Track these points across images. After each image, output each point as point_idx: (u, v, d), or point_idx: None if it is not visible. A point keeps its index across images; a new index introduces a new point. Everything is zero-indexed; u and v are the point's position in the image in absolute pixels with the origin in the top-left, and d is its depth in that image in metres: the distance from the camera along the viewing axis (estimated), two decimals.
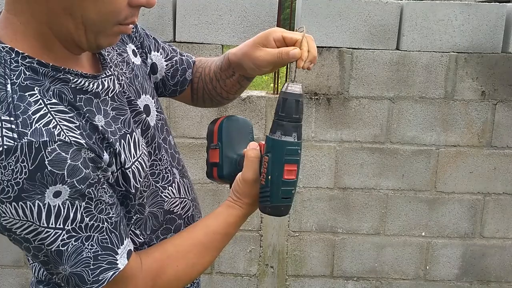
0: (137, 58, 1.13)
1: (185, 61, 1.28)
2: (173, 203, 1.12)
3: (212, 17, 2.48)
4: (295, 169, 0.96)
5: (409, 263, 2.75)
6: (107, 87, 0.95)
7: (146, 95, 1.09)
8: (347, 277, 2.76)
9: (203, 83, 1.27)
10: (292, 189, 0.97)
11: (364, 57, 2.53)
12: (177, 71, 1.26)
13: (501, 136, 2.61)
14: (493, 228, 2.71)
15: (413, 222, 2.70)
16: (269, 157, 0.96)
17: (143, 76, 1.11)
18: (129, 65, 1.07)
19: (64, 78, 0.87)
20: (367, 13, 2.49)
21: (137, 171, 0.97)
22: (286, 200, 0.97)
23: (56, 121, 0.83)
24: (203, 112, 2.54)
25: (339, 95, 2.56)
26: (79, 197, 0.83)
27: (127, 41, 1.13)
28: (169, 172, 1.11)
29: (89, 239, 0.86)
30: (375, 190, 2.66)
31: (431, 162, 2.63)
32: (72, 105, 0.87)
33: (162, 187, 1.09)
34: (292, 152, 0.95)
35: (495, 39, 2.52)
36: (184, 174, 1.19)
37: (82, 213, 0.85)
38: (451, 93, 2.57)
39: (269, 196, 0.97)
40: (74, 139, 0.83)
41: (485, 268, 2.76)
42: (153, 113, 1.10)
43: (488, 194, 2.68)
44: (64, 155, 0.81)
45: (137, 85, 1.07)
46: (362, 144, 2.61)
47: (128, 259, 0.92)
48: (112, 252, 0.89)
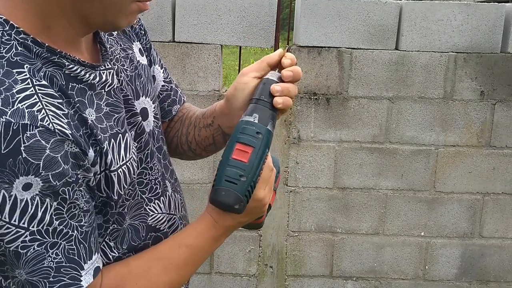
0: (144, 58, 1.06)
1: (178, 95, 1.19)
2: (158, 219, 1.00)
3: (212, 17, 2.48)
4: (248, 152, 0.86)
5: (408, 263, 2.75)
6: (104, 80, 0.87)
7: (146, 97, 1.01)
8: (346, 277, 2.76)
9: (180, 124, 1.17)
10: (240, 173, 0.86)
11: (363, 57, 2.53)
12: (167, 98, 1.16)
13: (500, 136, 2.61)
14: (492, 228, 2.71)
15: (412, 222, 2.70)
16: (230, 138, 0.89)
17: (147, 77, 1.04)
18: (132, 63, 1.00)
19: (59, 62, 0.80)
20: (366, 13, 2.49)
21: (123, 176, 0.87)
22: (230, 185, 0.85)
23: (42, 104, 0.74)
24: None
25: (338, 95, 2.56)
26: (52, 194, 0.73)
27: (134, 39, 1.06)
28: (159, 184, 1.00)
29: (54, 247, 0.75)
30: (374, 190, 2.66)
31: (430, 162, 2.63)
32: (63, 91, 0.79)
33: (148, 199, 0.97)
34: (248, 132, 0.87)
35: (494, 39, 2.52)
36: (176, 189, 1.09)
37: (51, 215, 0.74)
38: (450, 93, 2.57)
39: (215, 179, 0.87)
40: (59, 128, 0.74)
41: (484, 268, 2.76)
42: (151, 118, 1.02)
43: (487, 194, 2.68)
44: (44, 143, 0.72)
45: (138, 85, 0.99)
46: (361, 144, 2.61)
47: (94, 277, 0.80)
48: (77, 266, 0.78)
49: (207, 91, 2.53)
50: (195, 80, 2.52)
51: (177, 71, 2.51)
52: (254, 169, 0.87)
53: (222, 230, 0.94)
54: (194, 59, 2.51)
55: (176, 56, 2.50)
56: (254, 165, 0.87)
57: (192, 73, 2.52)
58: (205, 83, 2.53)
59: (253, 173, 0.87)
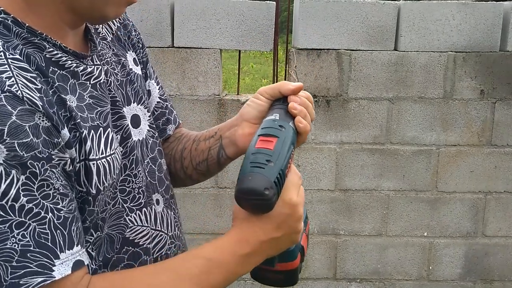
0: (138, 68, 1.01)
1: (173, 115, 1.12)
2: (138, 232, 0.89)
3: (210, 21, 2.48)
4: (273, 141, 0.79)
5: (412, 263, 2.74)
6: (89, 71, 0.82)
7: (139, 105, 0.95)
8: (350, 279, 2.75)
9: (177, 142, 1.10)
10: (266, 156, 0.77)
11: (362, 58, 2.54)
12: (162, 116, 1.09)
13: (501, 135, 2.61)
14: (495, 226, 2.71)
15: (415, 223, 2.70)
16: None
17: (140, 86, 0.98)
18: (124, 69, 0.95)
19: (39, 44, 0.75)
20: (365, 15, 2.50)
21: (103, 169, 0.79)
22: (257, 169, 0.75)
23: (13, 74, 0.68)
24: (203, 117, 2.55)
25: (338, 97, 2.56)
26: (18, 166, 0.65)
27: (129, 48, 1.01)
28: (142, 194, 0.90)
29: (20, 227, 0.65)
30: (376, 191, 2.66)
31: (431, 162, 2.63)
32: (41, 71, 0.73)
33: (129, 208, 0.88)
34: (270, 125, 0.82)
35: (492, 38, 2.53)
36: (171, 206, 1.00)
37: (18, 189, 0.65)
38: (450, 92, 2.57)
39: (240, 172, 0.77)
40: (28, 97, 0.67)
41: (488, 267, 2.75)
42: (144, 127, 0.96)
43: (489, 193, 2.68)
44: (10, 109, 0.65)
45: (129, 91, 0.94)
46: (362, 145, 2.61)
47: (74, 271, 0.69)
48: (50, 253, 0.67)
49: (207, 95, 2.53)
50: (195, 85, 2.53)
51: (177, 76, 2.52)
52: (282, 157, 0.78)
53: (251, 247, 0.79)
54: (194, 64, 2.51)
55: (175, 61, 2.50)
56: (281, 153, 0.78)
57: (192, 78, 2.52)
58: (205, 88, 2.53)
59: (281, 160, 0.78)
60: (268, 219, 0.79)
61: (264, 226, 0.79)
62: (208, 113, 2.54)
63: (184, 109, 2.53)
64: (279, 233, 0.80)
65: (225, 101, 2.55)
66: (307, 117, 0.88)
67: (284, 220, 0.80)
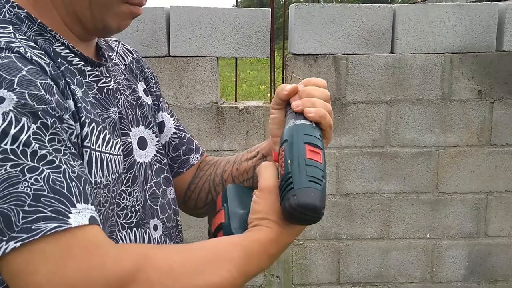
0: (149, 98, 1.01)
1: (195, 144, 1.10)
2: None
3: (206, 30, 2.49)
4: (320, 153, 0.76)
5: (415, 266, 2.73)
6: (97, 74, 0.82)
7: (147, 129, 0.95)
8: (353, 283, 2.74)
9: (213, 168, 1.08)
10: (321, 171, 0.73)
11: (359, 62, 2.54)
12: (181, 146, 1.08)
13: (500, 134, 2.61)
14: (497, 226, 2.70)
15: (417, 225, 2.69)
16: (286, 144, 0.77)
17: (150, 113, 0.98)
18: (135, 94, 0.95)
19: (49, 39, 0.76)
20: (360, 19, 2.50)
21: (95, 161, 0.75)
22: (315, 184, 0.72)
23: (22, 45, 0.69)
24: (201, 125, 2.55)
25: (336, 101, 2.56)
26: (29, 114, 0.62)
27: (140, 78, 1.02)
28: (134, 213, 0.87)
29: (34, 171, 0.61)
30: (377, 194, 2.66)
31: (431, 164, 2.63)
32: (48, 53, 0.73)
33: (121, 224, 0.84)
34: (312, 133, 0.78)
35: (488, 38, 2.53)
36: (171, 235, 0.96)
37: (29, 136, 0.62)
38: (448, 93, 2.58)
39: (291, 182, 0.73)
40: (38, 60, 0.68)
41: (491, 267, 2.75)
42: (151, 151, 0.95)
43: (490, 192, 2.67)
44: (20, 65, 0.65)
45: (139, 114, 0.94)
46: (362, 149, 2.61)
47: (91, 224, 0.63)
48: (66, 200, 0.62)
49: (205, 103, 2.53)
50: (193, 93, 2.53)
51: (174, 85, 2.52)
52: (326, 173, 0.76)
53: (278, 249, 0.78)
54: (191, 73, 2.51)
55: (172, 71, 2.51)
56: (326, 167, 0.76)
57: (189, 86, 2.52)
58: (203, 96, 2.53)
59: (326, 177, 0.75)
60: (294, 227, 0.78)
61: (290, 232, 0.78)
62: (207, 121, 2.54)
63: (182, 118, 2.53)
64: (296, 236, 0.82)
65: (223, 108, 2.55)
66: (315, 103, 0.82)
67: (301, 229, 0.81)
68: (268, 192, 0.78)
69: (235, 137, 2.57)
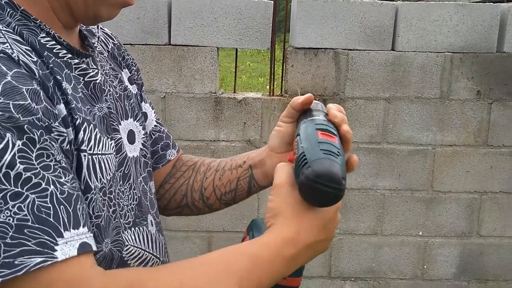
0: (133, 86, 0.96)
1: (172, 140, 1.07)
2: (132, 253, 0.81)
3: (208, 19, 2.48)
4: (334, 137, 0.73)
5: (407, 262, 2.75)
6: (84, 68, 0.77)
7: (135, 121, 0.91)
8: (344, 277, 2.76)
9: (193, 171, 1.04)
10: (336, 148, 0.70)
11: (359, 58, 2.54)
12: (160, 141, 1.04)
13: (497, 135, 2.62)
14: (490, 226, 2.72)
15: (410, 222, 2.71)
16: (299, 135, 0.76)
17: (137, 104, 0.94)
18: (122, 84, 0.91)
19: (33, 29, 0.70)
20: (362, 14, 2.50)
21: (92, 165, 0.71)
22: (331, 156, 0.68)
23: (7, 40, 0.63)
24: (199, 114, 2.54)
25: (335, 96, 2.56)
26: (13, 129, 0.56)
27: (124, 66, 0.97)
28: (130, 212, 0.83)
29: (17, 198, 0.55)
30: (372, 190, 2.67)
31: (427, 162, 2.64)
32: (35, 49, 0.68)
33: (123, 225, 0.80)
34: (325, 124, 0.76)
35: (489, 39, 2.53)
36: (161, 231, 0.93)
37: (14, 155, 0.56)
38: (446, 93, 2.58)
39: (305, 158, 0.69)
40: (25, 61, 0.62)
41: (482, 267, 2.76)
42: (138, 144, 0.91)
43: (484, 193, 2.68)
44: (5, 69, 0.59)
45: (127, 106, 0.89)
46: (359, 144, 2.61)
47: (80, 253, 0.58)
48: (52, 230, 0.57)
49: (203, 93, 2.53)
50: (192, 82, 2.52)
51: (174, 74, 2.51)
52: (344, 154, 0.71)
53: (296, 249, 0.71)
54: (191, 62, 2.51)
55: (172, 59, 2.50)
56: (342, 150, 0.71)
57: (189, 75, 2.52)
58: (202, 86, 2.53)
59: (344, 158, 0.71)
60: (314, 221, 0.73)
61: (309, 227, 0.72)
62: (204, 111, 2.54)
63: (180, 107, 2.53)
64: (321, 236, 0.74)
65: (221, 99, 2.55)
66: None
67: (327, 224, 0.74)
68: (282, 187, 0.74)
69: (233, 128, 2.57)
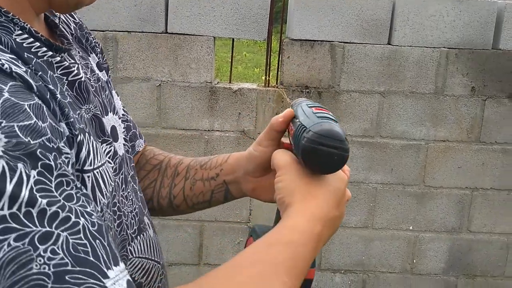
0: (103, 73, 0.84)
1: (138, 130, 0.97)
2: (134, 265, 0.74)
3: (205, 9, 2.47)
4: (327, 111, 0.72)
5: (396, 256, 2.77)
6: (66, 66, 0.66)
7: (114, 115, 0.80)
8: (334, 269, 2.78)
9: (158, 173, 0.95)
10: (331, 115, 0.70)
11: (355, 51, 2.54)
12: (129, 130, 0.93)
13: (489, 132, 2.63)
14: (480, 223, 2.74)
15: (401, 216, 2.72)
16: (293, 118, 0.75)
17: (111, 94, 0.84)
18: (94, 74, 0.78)
19: (7, 25, 0.57)
20: (360, 8, 2.50)
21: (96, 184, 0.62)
22: (327, 120, 0.68)
23: None
24: (194, 104, 2.54)
25: (330, 89, 2.57)
26: (25, 157, 0.45)
27: (90, 50, 0.84)
28: (134, 218, 0.76)
29: (47, 240, 0.44)
30: (364, 183, 2.68)
31: (420, 157, 2.65)
32: (17, 54, 0.56)
33: (130, 236, 0.73)
34: (316, 103, 0.75)
35: (485, 36, 2.54)
36: (155, 230, 0.86)
37: (31, 189, 0.45)
38: (441, 88, 2.59)
39: (304, 126, 0.68)
40: (19, 73, 0.51)
41: (471, 263, 2.79)
42: (121, 140, 0.80)
43: (476, 189, 2.70)
44: (1, 85, 0.48)
45: (105, 100, 0.78)
46: (352, 137, 2.62)
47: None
48: (96, 271, 0.46)
49: (199, 82, 2.53)
50: (187, 71, 2.52)
51: (169, 62, 2.50)
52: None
53: (321, 224, 0.67)
54: (187, 51, 2.50)
55: (168, 48, 2.49)
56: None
57: (184, 64, 2.51)
58: (197, 75, 2.52)
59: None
60: (329, 193, 0.69)
61: (327, 201, 0.68)
62: (199, 100, 2.54)
63: (176, 96, 2.53)
64: (338, 211, 0.71)
65: (216, 88, 2.54)
66: None
67: (341, 198, 0.71)
68: (289, 166, 0.69)
69: (227, 118, 2.57)
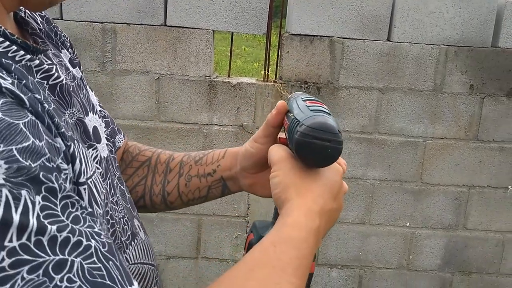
0: (76, 70, 0.78)
1: (116, 125, 0.93)
2: (132, 272, 0.72)
3: (204, 2, 2.46)
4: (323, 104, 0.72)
5: (393, 252, 2.78)
6: (46, 69, 0.61)
7: (94, 114, 0.76)
8: (331, 265, 2.78)
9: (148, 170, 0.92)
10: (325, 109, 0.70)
11: (355, 47, 2.54)
12: (108, 126, 0.89)
13: (487, 130, 2.64)
14: (476, 220, 2.75)
15: (398, 213, 2.73)
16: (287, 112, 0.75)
17: (87, 92, 0.79)
18: (69, 72, 0.73)
19: None
20: (359, 3, 2.49)
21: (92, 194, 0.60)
22: (320, 113, 0.67)
23: None
24: (192, 97, 2.54)
25: (329, 85, 2.56)
26: (27, 183, 0.43)
27: (61, 46, 0.79)
28: (127, 224, 0.74)
29: (62, 268, 0.43)
30: (361, 180, 2.68)
31: (418, 154, 2.66)
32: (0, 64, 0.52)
33: (125, 243, 0.71)
34: (311, 97, 0.75)
35: (485, 33, 2.54)
36: (146, 232, 0.83)
37: (38, 216, 0.43)
38: (440, 85, 2.59)
39: (297, 120, 0.68)
40: (8, 87, 0.47)
41: (467, 260, 2.80)
42: (104, 141, 0.76)
43: (472, 186, 2.71)
44: None
45: (83, 100, 0.73)
46: (350, 134, 2.62)
47: None
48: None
49: (198, 76, 2.52)
50: (186, 65, 2.51)
51: (168, 55, 2.50)
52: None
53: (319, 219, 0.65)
54: (186, 44, 2.49)
55: (167, 41, 2.49)
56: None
57: (183, 58, 2.51)
58: (196, 69, 2.52)
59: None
60: (325, 186, 0.68)
61: (323, 194, 0.67)
62: (198, 94, 2.54)
63: (174, 89, 2.52)
64: (335, 203, 0.70)
65: (215, 82, 2.54)
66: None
67: (338, 190, 0.70)
68: (284, 160, 0.68)
69: (226, 112, 2.56)
